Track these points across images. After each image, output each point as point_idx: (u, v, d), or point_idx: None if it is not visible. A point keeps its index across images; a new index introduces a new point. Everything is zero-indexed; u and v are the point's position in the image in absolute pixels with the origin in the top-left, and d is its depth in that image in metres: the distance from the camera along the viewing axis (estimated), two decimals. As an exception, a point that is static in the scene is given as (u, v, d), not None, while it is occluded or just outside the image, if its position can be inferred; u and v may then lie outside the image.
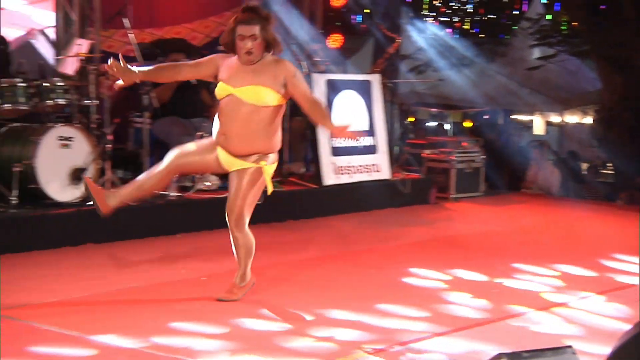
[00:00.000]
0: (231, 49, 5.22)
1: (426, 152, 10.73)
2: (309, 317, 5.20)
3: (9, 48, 8.20)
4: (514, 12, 19.44)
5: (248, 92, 5.13)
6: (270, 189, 5.55)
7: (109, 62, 5.13)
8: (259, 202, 8.06)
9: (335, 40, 12.31)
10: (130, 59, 10.14)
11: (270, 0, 11.93)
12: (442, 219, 9.31)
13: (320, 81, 9.11)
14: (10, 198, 6.94)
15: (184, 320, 5.01)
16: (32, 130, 7.24)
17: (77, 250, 6.88)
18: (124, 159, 8.87)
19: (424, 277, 6.42)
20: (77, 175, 7.23)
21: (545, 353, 3.23)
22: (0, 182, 7.07)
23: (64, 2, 9.88)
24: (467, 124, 16.65)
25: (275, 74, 5.16)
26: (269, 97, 5.15)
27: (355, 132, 5.60)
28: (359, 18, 14.10)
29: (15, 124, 7.42)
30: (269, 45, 5.18)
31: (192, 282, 6.05)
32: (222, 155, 5.32)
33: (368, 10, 13.71)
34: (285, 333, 4.87)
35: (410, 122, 14.60)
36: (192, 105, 8.78)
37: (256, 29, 5.11)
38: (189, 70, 5.49)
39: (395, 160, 10.38)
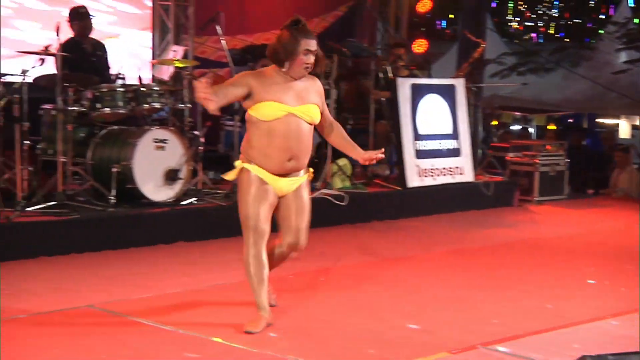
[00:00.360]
0: (283, 60, 4.68)
1: (510, 155, 10.59)
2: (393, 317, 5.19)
3: (107, 54, 8.41)
4: (600, 16, 19.05)
5: (307, 111, 4.71)
6: None
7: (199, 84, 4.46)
8: (342, 204, 8.15)
9: (420, 45, 12.25)
10: (222, 65, 10.34)
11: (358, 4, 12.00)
12: (526, 222, 9.16)
13: (405, 85, 9.07)
14: (109, 197, 7.11)
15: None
16: (130, 133, 7.40)
17: (170, 248, 7.02)
18: (215, 160, 9.03)
19: (508, 278, 6.33)
20: (171, 176, 7.37)
21: (631, 357, 3.15)
22: (99, 182, 7.26)
23: (161, 11, 10.11)
24: (552, 127, 16.36)
25: (317, 91, 4.84)
26: (318, 114, 4.81)
27: (377, 154, 4.91)
28: (443, 23, 14.01)
29: (113, 127, 7.61)
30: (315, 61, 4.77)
31: (280, 280, 6.09)
32: (279, 183, 4.76)
33: (452, 16, 13.60)
34: (379, 329, 4.87)
35: (494, 125, 14.44)
36: (280, 109, 8.82)
37: (316, 44, 4.76)
38: (233, 91, 4.64)
39: (479, 163, 10.27)
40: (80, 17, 8.03)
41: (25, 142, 7.01)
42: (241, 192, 4.70)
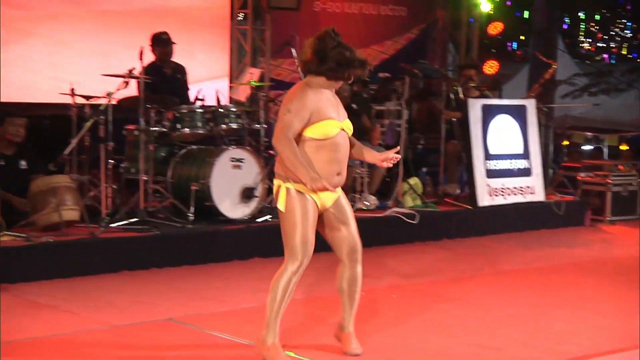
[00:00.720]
0: (338, 76, 4.42)
1: (581, 175, 10.39)
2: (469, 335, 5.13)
3: (187, 76, 8.56)
4: (673, 38, 18.64)
5: (349, 125, 4.60)
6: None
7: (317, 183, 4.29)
8: (414, 222, 8.11)
9: (491, 67, 12.14)
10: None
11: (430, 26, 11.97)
12: (598, 241, 8.97)
13: (475, 106, 9.00)
14: (188, 214, 7.21)
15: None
16: (208, 153, 7.51)
17: (245, 264, 7.08)
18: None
19: (580, 297, 6.20)
20: (247, 194, 7.44)
21: None
22: (179, 200, 7.37)
23: (238, 35, 10.26)
24: (624, 147, 15.99)
25: (340, 103, 4.64)
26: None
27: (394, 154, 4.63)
28: (514, 45, 13.89)
29: (193, 147, 7.73)
30: None
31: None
32: (321, 198, 4.49)
33: (523, 37, 13.47)
34: (450, 346, 4.82)
35: (565, 145, 14.19)
36: (352, 129, 8.84)
37: None
38: (301, 125, 4.38)
39: (550, 183, 10.11)
40: (161, 44, 8.18)
41: (109, 161, 7.18)
42: (289, 213, 4.41)
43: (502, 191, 9.10)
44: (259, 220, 7.52)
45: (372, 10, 11.37)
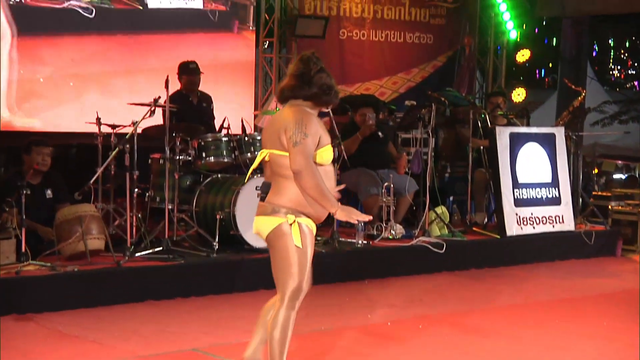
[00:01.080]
0: (323, 102, 4.23)
1: (612, 204, 10.32)
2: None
3: (213, 105, 8.64)
4: None
5: None
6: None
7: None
8: (441, 251, 8.08)
9: (518, 94, 12.14)
10: (322, 114, 10.45)
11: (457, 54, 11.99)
12: (630, 272, 8.87)
13: (503, 134, 8.99)
14: (213, 243, 7.24)
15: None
16: (233, 181, 7.55)
17: (271, 293, 7.02)
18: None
19: (612, 329, 6.14)
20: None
21: None
22: (204, 229, 7.41)
23: (264, 63, 10.35)
24: (656, 175, 15.88)
25: None
26: None
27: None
28: (542, 72, 13.87)
29: (218, 175, 7.78)
30: None
31: (378, 327, 6.08)
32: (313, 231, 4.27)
33: (552, 65, 13.46)
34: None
35: (595, 174, 14.12)
36: (379, 157, 8.89)
37: None
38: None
39: (580, 212, 10.05)
40: (189, 72, 8.26)
41: (134, 189, 7.24)
42: (304, 248, 4.16)
43: (531, 220, 9.05)
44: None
45: (399, 37, 11.42)
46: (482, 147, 9.36)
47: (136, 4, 9.61)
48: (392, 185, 8.41)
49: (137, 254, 6.92)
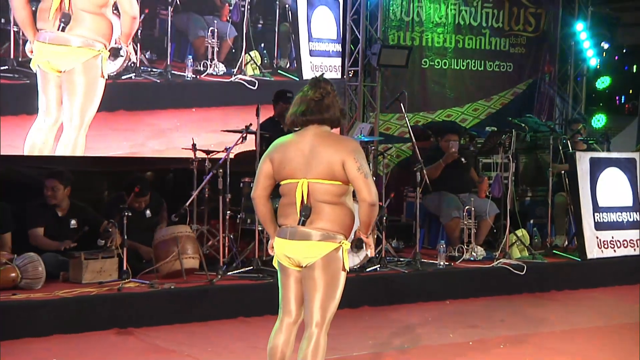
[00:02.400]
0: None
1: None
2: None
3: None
4: None
5: None
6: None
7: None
8: (521, 273, 7.93)
9: (598, 120, 11.90)
10: (404, 140, 10.45)
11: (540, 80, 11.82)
12: None
13: (583, 159, 8.80)
14: (300, 263, 7.24)
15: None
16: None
17: (355, 312, 7.05)
18: (398, 229, 9.06)
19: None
20: (357, 244, 7.41)
21: None
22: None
23: (349, 91, 10.40)
24: None
25: None
26: None
27: None
28: (622, 98, 13.54)
29: (305, 198, 7.78)
30: None
31: (460, 346, 5.99)
32: None
33: (632, 91, 13.13)
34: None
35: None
36: (461, 182, 8.80)
37: None
38: None
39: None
40: (284, 100, 8.26)
41: (227, 212, 7.33)
42: (344, 273, 4.14)
43: (612, 243, 8.81)
44: (368, 269, 7.51)
45: (479, 66, 11.33)
46: (562, 172, 9.18)
47: (294, 76, 9.60)
48: (473, 209, 8.32)
49: (229, 273, 7.00)
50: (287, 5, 9.56)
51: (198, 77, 8.91)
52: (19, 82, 7.76)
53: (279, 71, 9.49)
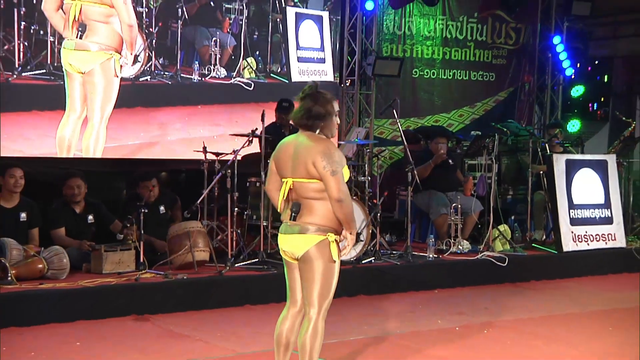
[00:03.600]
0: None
1: (661, 223, 9.96)
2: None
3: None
4: None
5: None
6: None
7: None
8: (503, 265, 7.94)
9: (573, 125, 11.93)
10: (397, 143, 10.42)
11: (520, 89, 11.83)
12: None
13: (560, 161, 8.82)
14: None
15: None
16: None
17: (352, 300, 7.06)
18: (391, 225, 9.07)
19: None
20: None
21: None
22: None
23: (347, 98, 10.40)
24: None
25: None
26: None
27: None
28: (595, 105, 13.56)
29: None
30: None
31: (446, 332, 5.99)
32: None
33: (603, 99, 13.14)
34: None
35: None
36: (448, 181, 8.81)
37: None
38: None
39: (631, 231, 9.76)
40: (283, 110, 8.16)
41: (235, 209, 7.33)
42: (337, 262, 4.06)
43: (586, 238, 8.83)
44: (364, 261, 7.52)
45: (464, 76, 11.35)
46: (541, 172, 9.19)
47: (284, 79, 9.79)
48: (459, 206, 8.32)
49: (236, 265, 6.99)
50: (278, 20, 9.82)
51: (203, 79, 9.19)
52: (54, 83, 8.19)
53: (271, 75, 9.78)
